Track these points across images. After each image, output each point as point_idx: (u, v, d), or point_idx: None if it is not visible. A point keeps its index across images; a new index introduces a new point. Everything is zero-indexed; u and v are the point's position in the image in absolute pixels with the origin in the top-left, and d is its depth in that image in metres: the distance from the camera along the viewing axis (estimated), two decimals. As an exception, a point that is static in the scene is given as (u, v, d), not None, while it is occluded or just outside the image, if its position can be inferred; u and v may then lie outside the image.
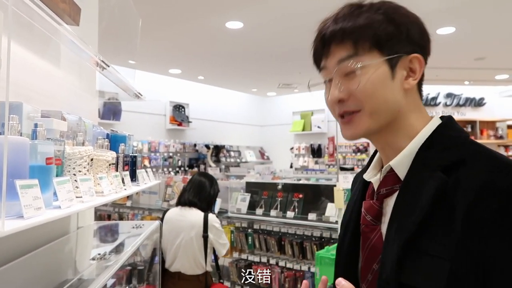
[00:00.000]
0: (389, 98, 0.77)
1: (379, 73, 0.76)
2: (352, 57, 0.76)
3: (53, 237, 1.59)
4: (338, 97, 0.79)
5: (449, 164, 0.71)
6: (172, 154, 7.91)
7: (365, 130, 0.79)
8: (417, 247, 0.68)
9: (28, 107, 0.99)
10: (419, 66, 0.79)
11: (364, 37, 0.76)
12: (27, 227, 0.65)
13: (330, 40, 0.79)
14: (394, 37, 0.77)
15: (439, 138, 0.77)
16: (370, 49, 0.76)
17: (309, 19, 2.01)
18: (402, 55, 0.78)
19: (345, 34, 0.77)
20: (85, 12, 1.62)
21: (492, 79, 7.79)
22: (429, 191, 0.70)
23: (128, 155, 1.62)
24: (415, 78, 0.79)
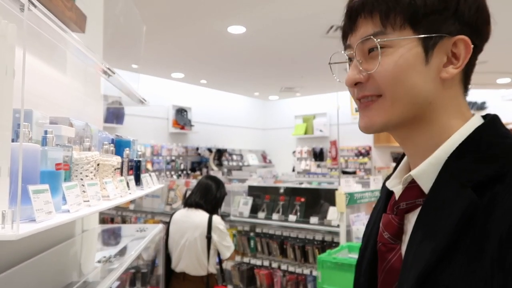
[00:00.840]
0: (418, 86, 0.63)
1: (408, 54, 0.62)
2: (378, 34, 0.63)
3: (59, 240, 1.62)
4: (355, 78, 0.66)
5: (483, 180, 0.57)
6: (174, 158, 7.95)
7: (384, 121, 0.65)
8: (435, 280, 0.56)
9: (37, 114, 1.02)
10: (465, 52, 0.63)
11: (397, 9, 0.62)
12: (39, 230, 0.68)
13: (358, 11, 0.66)
14: (436, 11, 0.62)
15: (476, 145, 0.62)
16: (402, 25, 0.62)
17: (311, 23, 2.07)
18: (444, 36, 0.63)
19: (375, 4, 0.63)
20: (90, 19, 1.66)
21: (494, 83, 7.81)
22: (455, 214, 0.57)
23: (133, 159, 1.65)
24: (457, 66, 0.64)
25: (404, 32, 0.63)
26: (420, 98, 0.64)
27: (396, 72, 0.63)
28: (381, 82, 0.64)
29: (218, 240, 2.82)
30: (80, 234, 1.88)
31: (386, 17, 0.63)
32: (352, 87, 0.68)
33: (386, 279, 0.67)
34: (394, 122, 0.66)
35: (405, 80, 0.63)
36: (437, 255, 0.56)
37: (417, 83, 0.63)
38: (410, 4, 0.62)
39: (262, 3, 4.16)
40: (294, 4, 4.13)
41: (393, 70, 0.63)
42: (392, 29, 0.63)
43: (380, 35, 0.63)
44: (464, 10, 0.63)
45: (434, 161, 0.63)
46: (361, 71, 0.66)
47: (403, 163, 0.74)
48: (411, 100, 0.64)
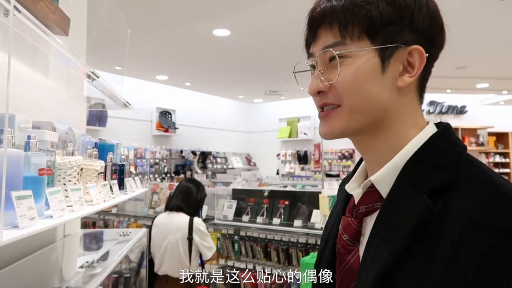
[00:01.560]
0: (374, 95, 0.65)
1: (365, 64, 0.65)
2: (337, 44, 0.66)
3: (40, 246, 1.60)
4: (317, 88, 0.69)
5: (437, 187, 0.60)
6: (158, 161, 7.89)
7: (342, 128, 0.68)
8: (391, 281, 0.58)
9: (20, 118, 1.01)
10: (420, 61, 0.66)
11: (354, 20, 0.64)
12: (23, 237, 0.67)
13: (319, 22, 0.68)
14: (392, 22, 0.64)
15: (431, 152, 0.65)
16: (360, 36, 0.65)
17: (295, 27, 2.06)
18: (400, 46, 0.65)
19: (334, 16, 0.66)
20: (74, 21, 1.65)
21: (473, 88, 8.01)
22: (411, 219, 0.59)
23: (116, 163, 1.64)
24: (412, 74, 0.66)
25: (362, 43, 0.65)
26: (377, 106, 0.66)
27: (354, 82, 0.65)
28: (340, 91, 0.66)
29: (199, 241, 2.86)
30: (61, 239, 1.85)
31: (345, 28, 0.65)
32: (315, 95, 0.71)
33: (344, 279, 0.69)
34: (352, 130, 0.68)
35: (362, 90, 0.65)
36: (393, 257, 0.59)
37: (374, 92, 0.66)
38: (367, 16, 0.64)
39: (247, 7, 4.18)
40: (279, 8, 4.16)
41: (351, 80, 0.65)
42: (351, 39, 0.65)
43: (339, 45, 0.66)
44: (418, 21, 0.66)
45: (392, 167, 0.66)
46: (323, 80, 0.68)
47: (361, 168, 0.77)
48: (368, 108, 0.66)
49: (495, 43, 5.38)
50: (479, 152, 9.20)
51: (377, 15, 0.64)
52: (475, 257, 0.53)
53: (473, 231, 0.54)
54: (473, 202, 0.56)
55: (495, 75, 7.05)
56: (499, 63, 6.35)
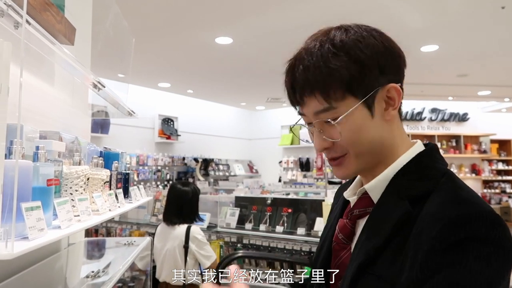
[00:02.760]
0: (372, 137, 0.76)
1: (357, 118, 0.74)
2: (327, 110, 0.74)
3: (46, 255, 1.60)
4: (323, 146, 0.79)
5: (417, 195, 0.72)
6: (160, 168, 7.89)
7: (354, 170, 0.80)
8: (370, 270, 0.70)
9: (27, 128, 1.02)
10: (397, 94, 0.76)
11: (333, 87, 0.73)
12: (33, 249, 0.67)
13: (301, 92, 0.77)
14: (364, 76, 0.73)
15: (415, 167, 0.76)
16: (343, 96, 0.73)
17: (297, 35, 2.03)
18: (378, 89, 0.75)
19: (314, 87, 0.74)
20: (79, 31, 1.66)
21: (475, 95, 8.01)
22: (392, 219, 0.71)
23: (121, 172, 1.64)
24: (394, 107, 0.77)
25: (347, 101, 0.74)
26: (377, 145, 0.77)
27: (354, 136, 0.75)
28: (345, 145, 0.77)
29: (196, 249, 2.87)
30: (66, 247, 1.85)
31: (328, 96, 0.73)
32: (322, 152, 0.81)
33: (337, 273, 0.80)
34: (362, 168, 0.80)
35: (362, 139, 0.76)
36: (374, 251, 0.71)
37: (371, 136, 0.76)
38: (342, 81, 0.72)
39: (249, 15, 4.20)
40: (281, 16, 4.19)
41: (351, 136, 0.75)
42: (336, 102, 0.74)
43: (330, 110, 0.74)
44: (385, 64, 0.75)
45: (382, 178, 0.78)
46: (325, 139, 0.78)
47: (358, 178, 0.89)
48: (370, 149, 0.77)
49: (497, 50, 5.39)
50: (482, 159, 9.17)
51: (350, 78, 0.72)
52: (426, 241, 0.64)
53: (429, 223, 0.65)
54: (436, 204, 0.68)
55: (496, 82, 7.05)
56: (501, 70, 6.35)
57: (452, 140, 8.97)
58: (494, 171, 9.47)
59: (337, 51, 0.73)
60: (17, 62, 1.02)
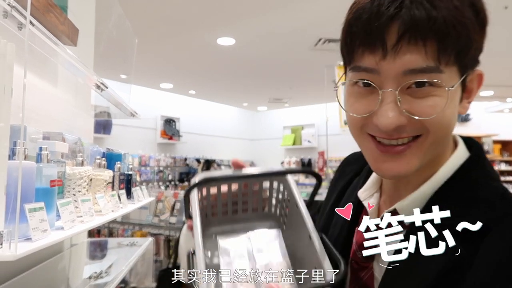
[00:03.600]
0: (453, 125, 0.57)
1: (455, 97, 0.55)
2: (432, 71, 0.51)
3: (48, 255, 1.60)
4: (398, 122, 0.53)
5: (469, 231, 0.50)
6: (162, 168, 7.89)
7: (419, 164, 0.56)
8: None
9: (31, 129, 1.02)
10: (478, 85, 0.59)
11: (457, 40, 0.50)
12: (36, 250, 0.67)
13: (402, 35, 0.50)
14: (477, 43, 0.53)
15: (463, 186, 0.57)
16: (453, 62, 0.52)
17: (300, 36, 2.05)
18: (469, 72, 0.56)
19: (435, 28, 0.49)
20: (82, 32, 1.66)
21: (478, 95, 7.96)
22: (437, 263, 0.51)
23: (124, 173, 1.64)
24: (470, 100, 0.59)
25: (453, 69, 0.53)
26: (449, 138, 0.59)
27: (445, 118, 0.54)
28: (428, 126, 0.54)
29: None
30: (68, 248, 1.85)
31: (444, 49, 0.50)
32: (390, 132, 0.55)
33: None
34: (422, 164, 0.57)
35: (451, 124, 0.56)
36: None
37: (454, 123, 0.57)
38: (465, 38, 0.51)
39: (252, 16, 4.20)
40: (283, 17, 4.18)
41: (447, 117, 0.54)
42: (446, 65, 0.51)
43: (434, 72, 0.51)
44: (483, 40, 0.55)
45: (419, 196, 0.58)
46: (403, 112, 0.53)
47: (375, 176, 0.69)
48: (445, 141, 0.58)
49: (500, 50, 5.37)
50: (484, 159, 9.14)
51: (472, 37, 0.52)
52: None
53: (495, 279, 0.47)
54: (505, 249, 0.48)
55: (499, 82, 7.03)
56: (504, 70, 6.33)
57: (455, 141, 8.95)
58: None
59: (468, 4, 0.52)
60: (21, 63, 1.02)
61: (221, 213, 0.74)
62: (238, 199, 0.72)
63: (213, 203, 0.73)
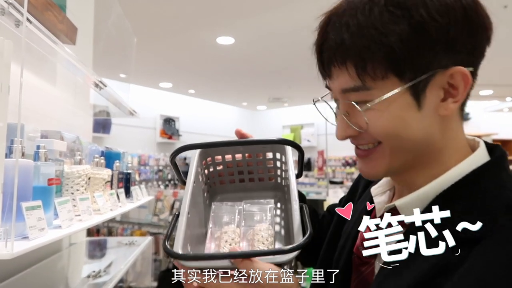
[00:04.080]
0: (415, 137, 0.56)
1: (397, 107, 0.54)
2: (358, 89, 0.55)
3: (47, 254, 1.60)
4: (345, 135, 0.60)
5: (464, 237, 0.50)
6: (162, 168, 7.89)
7: (386, 169, 0.60)
8: None
9: (29, 127, 1.01)
10: (464, 83, 0.55)
11: (373, 59, 0.52)
12: (33, 248, 0.67)
13: (330, 60, 0.57)
14: (421, 49, 0.51)
15: (468, 191, 0.55)
16: (383, 75, 0.53)
17: (299, 35, 2.00)
18: (437, 72, 0.53)
19: (347, 54, 0.53)
20: (80, 30, 1.66)
21: (477, 95, 7.98)
22: (429, 263, 0.51)
23: (123, 172, 1.64)
24: (456, 99, 0.55)
25: (388, 83, 0.53)
26: (419, 144, 0.57)
27: (388, 128, 0.55)
28: (376, 136, 0.57)
29: None
30: (67, 247, 1.84)
31: (363, 70, 0.53)
32: (343, 140, 0.62)
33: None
34: (396, 169, 0.60)
35: (399, 134, 0.55)
36: None
37: (413, 133, 0.56)
38: (389, 52, 0.51)
39: (251, 15, 4.20)
40: (283, 16, 4.18)
41: (384, 127, 0.55)
42: (373, 80, 0.53)
43: (361, 90, 0.54)
44: (457, 37, 0.53)
45: (421, 196, 0.58)
46: (349, 125, 0.58)
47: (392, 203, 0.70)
48: (411, 147, 0.57)
49: (499, 50, 5.37)
50: (484, 159, 9.14)
51: (401, 48, 0.51)
52: None
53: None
54: (489, 264, 0.47)
55: (499, 82, 7.03)
56: (503, 70, 6.33)
57: (454, 140, 8.96)
58: (496, 171, 9.45)
59: (393, 7, 0.51)
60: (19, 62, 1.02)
61: (228, 182, 0.82)
62: (243, 169, 0.80)
63: (221, 172, 0.82)
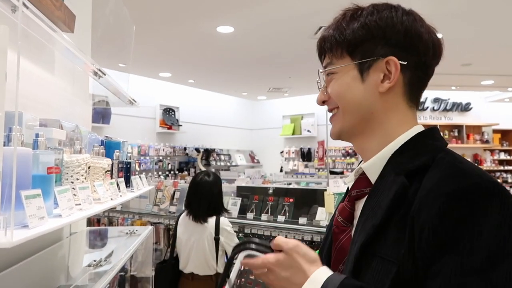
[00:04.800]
0: (357, 100, 0.79)
1: (346, 77, 0.80)
2: (328, 65, 0.83)
3: (47, 244, 1.60)
4: (321, 98, 0.86)
5: (414, 169, 0.71)
6: (162, 158, 7.89)
7: (340, 128, 0.83)
8: (372, 250, 0.69)
9: (27, 116, 1.00)
10: (395, 69, 0.77)
11: (336, 44, 0.81)
12: (33, 237, 0.66)
13: (321, 48, 0.86)
14: (365, 41, 0.78)
15: (413, 145, 0.77)
16: (341, 55, 0.81)
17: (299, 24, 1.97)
18: (377, 58, 0.78)
19: (325, 43, 0.83)
20: (79, 18, 1.64)
21: (478, 85, 7.95)
22: (389, 195, 0.71)
23: (123, 161, 1.63)
24: (390, 81, 0.78)
25: (343, 60, 0.81)
26: (362, 109, 0.80)
27: (339, 91, 0.81)
28: (334, 98, 0.83)
29: (226, 241, 2.86)
30: (68, 236, 1.84)
31: (331, 51, 0.82)
32: (321, 105, 0.87)
33: (337, 257, 0.81)
34: (347, 129, 0.83)
35: (347, 96, 0.80)
36: (374, 229, 0.70)
37: (356, 98, 0.80)
38: (344, 40, 0.80)
39: (251, 4, 4.15)
40: (283, 5, 4.14)
41: (337, 90, 0.82)
42: (336, 59, 0.82)
43: (329, 65, 0.83)
44: (391, 36, 0.78)
45: (380, 156, 0.79)
46: (323, 92, 0.86)
47: (359, 167, 0.88)
48: (355, 110, 0.80)
49: (501, 40, 5.33)
50: (484, 149, 9.14)
51: (351, 38, 0.79)
52: (427, 220, 0.64)
53: (429, 199, 0.65)
54: (434, 177, 0.68)
55: (500, 72, 6.99)
56: (504, 60, 6.29)
57: (455, 130, 8.94)
58: (496, 161, 9.45)
59: (355, 18, 0.80)
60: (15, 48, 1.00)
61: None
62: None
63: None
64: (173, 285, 2.86)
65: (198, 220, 2.83)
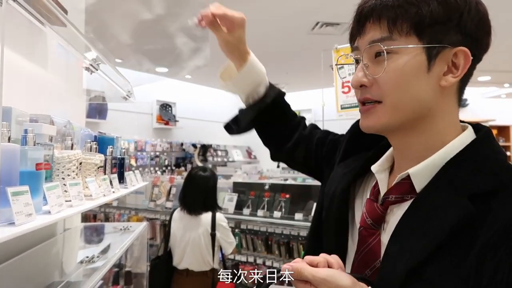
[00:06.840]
0: (418, 94, 0.66)
1: (412, 62, 0.65)
2: (385, 39, 0.65)
3: (40, 240, 1.59)
4: (360, 81, 0.69)
5: (480, 193, 0.61)
6: (158, 154, 7.87)
7: (384, 124, 0.69)
8: (420, 274, 0.60)
9: (17, 111, 0.99)
10: (465, 62, 0.66)
11: (404, 16, 0.64)
12: (19, 234, 0.65)
13: (367, 16, 0.68)
14: (440, 22, 0.64)
15: (472, 157, 0.66)
16: (408, 32, 0.65)
17: (297, 20, 1.96)
18: (446, 46, 0.65)
19: (384, 11, 0.65)
20: (71, 12, 1.62)
21: (475, 81, 7.96)
22: (451, 219, 0.60)
23: (116, 157, 1.62)
24: (456, 75, 0.66)
25: (409, 40, 0.65)
26: (420, 104, 0.67)
27: (399, 79, 0.65)
28: (384, 88, 0.66)
29: (222, 236, 2.86)
30: (61, 233, 1.84)
31: (393, 24, 0.65)
32: (357, 88, 0.71)
33: (364, 259, 0.71)
34: (393, 126, 0.69)
35: (407, 87, 0.66)
36: (427, 252, 0.60)
37: (418, 90, 0.66)
38: (417, 13, 0.64)
39: (247, 0, 4.13)
40: (280, 1, 4.12)
41: (397, 77, 0.65)
42: (399, 35, 0.65)
43: (387, 40, 0.65)
44: (466, 22, 0.65)
45: (430, 164, 0.67)
46: (367, 74, 0.68)
47: (389, 153, 0.78)
48: (411, 106, 0.67)
49: (497, 36, 5.31)
50: (480, 145, 9.17)
51: (427, 13, 0.64)
52: (506, 258, 0.55)
53: (507, 236, 0.55)
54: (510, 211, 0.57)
55: (497, 68, 6.99)
56: (501, 56, 6.29)
57: (451, 126, 8.96)
58: (492, 157, 9.48)
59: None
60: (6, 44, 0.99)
61: None
62: None
63: None
64: (168, 281, 2.86)
65: (193, 213, 2.83)
